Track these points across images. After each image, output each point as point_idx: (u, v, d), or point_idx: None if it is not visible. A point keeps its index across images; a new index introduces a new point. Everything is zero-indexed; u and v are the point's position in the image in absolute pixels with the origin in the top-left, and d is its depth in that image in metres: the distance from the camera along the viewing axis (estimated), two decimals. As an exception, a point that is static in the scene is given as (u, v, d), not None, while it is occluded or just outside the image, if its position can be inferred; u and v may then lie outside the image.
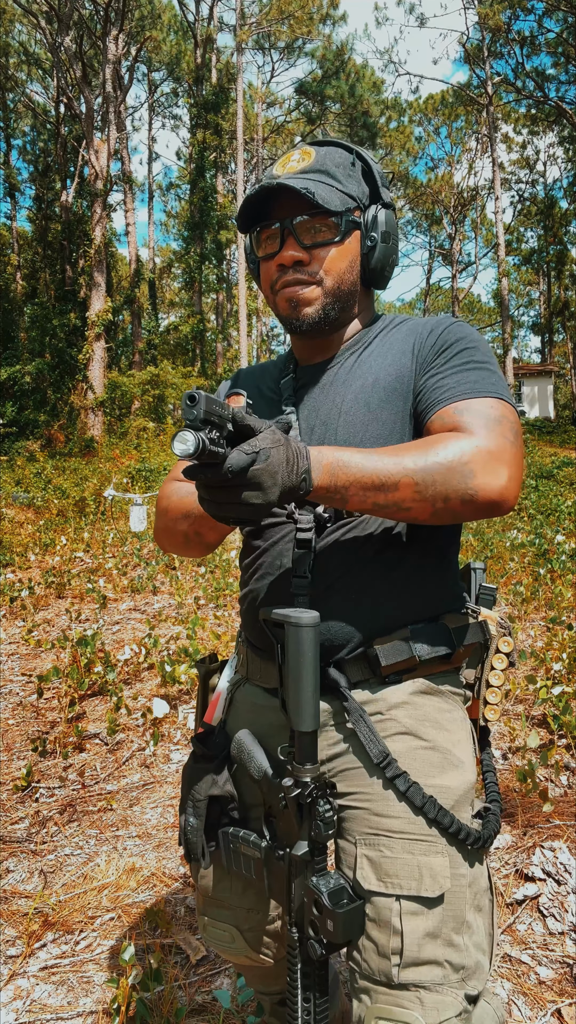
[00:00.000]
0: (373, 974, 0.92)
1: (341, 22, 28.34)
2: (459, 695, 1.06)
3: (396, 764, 0.95)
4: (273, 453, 0.79)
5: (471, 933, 0.93)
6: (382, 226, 1.06)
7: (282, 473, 0.80)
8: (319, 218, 1.01)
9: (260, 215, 1.05)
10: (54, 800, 2.64)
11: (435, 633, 1.00)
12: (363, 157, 1.08)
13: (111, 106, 19.78)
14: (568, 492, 9.62)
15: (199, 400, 0.74)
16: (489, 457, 0.87)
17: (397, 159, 34.55)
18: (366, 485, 0.87)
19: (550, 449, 16.60)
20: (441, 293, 48.74)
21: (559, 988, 1.61)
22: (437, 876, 0.92)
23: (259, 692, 1.10)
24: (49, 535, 8.15)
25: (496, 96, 27.33)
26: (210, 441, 0.75)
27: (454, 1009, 0.89)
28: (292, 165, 1.05)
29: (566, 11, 23.81)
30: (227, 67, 28.17)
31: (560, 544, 6.27)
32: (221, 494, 0.80)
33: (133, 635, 4.51)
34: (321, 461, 0.87)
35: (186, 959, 1.78)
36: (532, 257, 36.35)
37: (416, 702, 1.00)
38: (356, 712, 0.98)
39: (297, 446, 0.84)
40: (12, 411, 20.15)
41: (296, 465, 0.83)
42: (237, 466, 0.76)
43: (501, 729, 2.94)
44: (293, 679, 0.89)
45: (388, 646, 0.98)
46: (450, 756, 0.99)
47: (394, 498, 0.87)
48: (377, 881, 0.93)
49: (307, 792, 0.89)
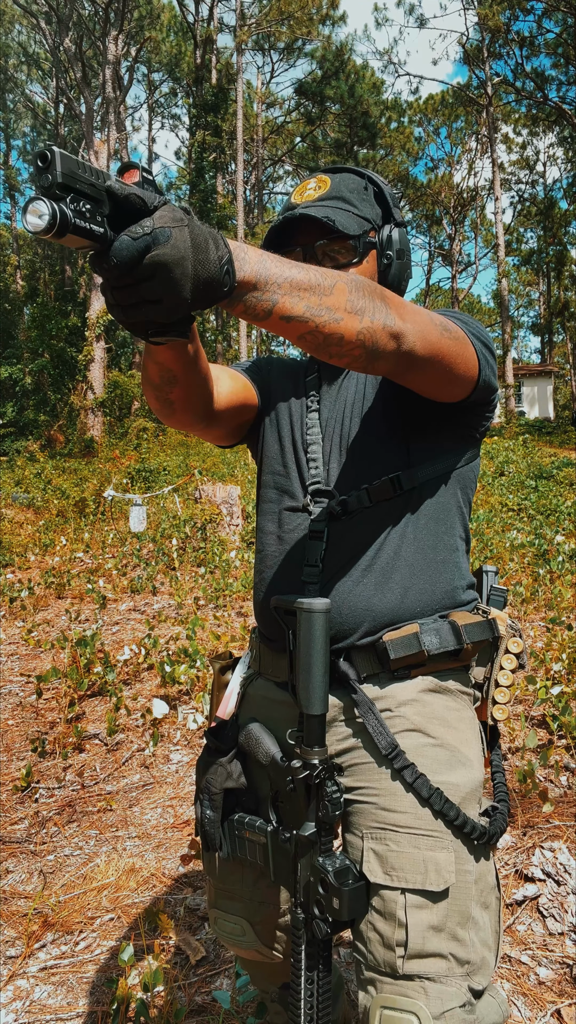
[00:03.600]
0: (379, 965, 0.93)
1: (341, 23, 28.36)
2: (468, 694, 1.08)
3: (404, 756, 0.97)
4: (175, 234, 0.63)
5: (477, 929, 0.95)
6: (397, 244, 1.12)
7: (191, 260, 0.64)
8: (338, 241, 1.08)
9: (281, 242, 1.11)
10: (54, 800, 2.64)
11: (444, 628, 1.01)
12: (374, 181, 1.15)
13: (111, 107, 19.79)
14: (568, 492, 9.62)
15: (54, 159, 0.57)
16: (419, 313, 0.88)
17: (397, 159, 34.56)
18: (299, 283, 0.75)
19: (550, 449, 16.60)
20: (441, 293, 48.76)
21: (559, 988, 1.61)
22: (442, 871, 0.93)
23: (271, 686, 1.12)
24: (49, 535, 8.15)
25: (496, 97, 27.34)
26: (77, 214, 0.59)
27: (458, 1000, 0.90)
28: (310, 193, 1.11)
29: (566, 12, 23.81)
30: (227, 67, 28.17)
31: (560, 544, 6.27)
32: (124, 294, 0.65)
33: (133, 635, 4.51)
34: (245, 249, 0.72)
35: (186, 959, 1.78)
36: (532, 257, 36.38)
37: (424, 700, 1.02)
38: (365, 705, 1.00)
39: (210, 229, 0.69)
40: (12, 411, 20.15)
41: (210, 251, 0.66)
42: (126, 252, 0.62)
43: (501, 729, 2.94)
44: (304, 663, 0.91)
45: (398, 639, 0.99)
46: (458, 754, 1.00)
47: (328, 303, 0.77)
48: (383, 874, 0.94)
49: (316, 773, 0.90)
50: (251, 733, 1.08)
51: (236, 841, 1.06)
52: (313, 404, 1.14)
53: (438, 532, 1.07)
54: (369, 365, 0.84)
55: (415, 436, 1.06)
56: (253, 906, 1.12)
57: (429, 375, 0.92)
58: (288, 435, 1.15)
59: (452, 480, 1.09)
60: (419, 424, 1.06)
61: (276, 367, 1.24)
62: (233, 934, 1.14)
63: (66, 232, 0.58)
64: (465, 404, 1.02)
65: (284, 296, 0.74)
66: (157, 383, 0.96)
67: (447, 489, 1.08)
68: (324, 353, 0.81)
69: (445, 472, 1.08)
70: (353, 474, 1.06)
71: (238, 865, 1.10)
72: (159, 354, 0.89)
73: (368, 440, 1.07)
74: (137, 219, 0.64)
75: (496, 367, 1.05)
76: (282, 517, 1.11)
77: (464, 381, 0.97)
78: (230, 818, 1.07)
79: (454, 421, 1.06)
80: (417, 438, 1.06)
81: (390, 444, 1.06)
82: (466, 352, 0.95)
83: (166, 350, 0.88)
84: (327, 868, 0.90)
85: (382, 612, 1.02)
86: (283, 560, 1.09)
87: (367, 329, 0.80)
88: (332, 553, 1.04)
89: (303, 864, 0.93)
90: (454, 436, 1.08)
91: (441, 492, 1.08)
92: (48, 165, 0.57)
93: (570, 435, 20.36)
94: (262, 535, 1.15)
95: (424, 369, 0.90)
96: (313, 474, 1.08)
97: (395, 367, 0.87)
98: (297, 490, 1.11)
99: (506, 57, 27.08)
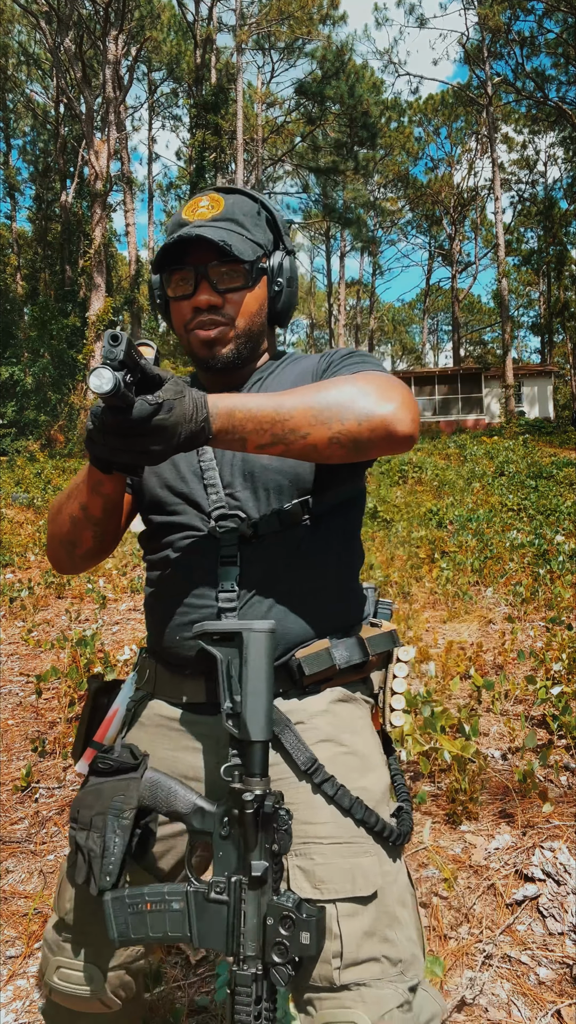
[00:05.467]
0: (316, 981, 0.91)
1: (341, 22, 28.34)
2: (369, 702, 1.14)
3: (323, 769, 0.99)
4: (176, 405, 0.83)
5: (402, 927, 0.96)
6: (287, 272, 1.15)
7: (183, 425, 0.85)
8: (232, 265, 1.08)
9: (173, 258, 1.10)
10: (54, 800, 2.64)
11: (351, 643, 1.06)
12: (267, 206, 1.17)
13: (111, 106, 19.79)
14: (568, 492, 9.62)
15: (122, 340, 0.76)
16: (383, 384, 0.95)
17: (397, 159, 34.56)
18: (263, 419, 0.91)
19: (550, 449, 16.59)
20: (441, 293, 48.75)
21: (559, 989, 1.61)
22: (369, 875, 0.95)
23: (166, 707, 1.10)
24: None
25: (496, 96, 27.33)
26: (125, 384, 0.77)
27: (396, 1000, 0.91)
28: (203, 211, 1.11)
29: (566, 12, 23.82)
30: (227, 67, 28.17)
31: (560, 544, 6.27)
32: (117, 441, 0.83)
33: (133, 635, 4.51)
34: (218, 405, 0.91)
35: (186, 959, 1.78)
36: (532, 257, 36.36)
37: (335, 710, 1.06)
38: (282, 722, 1.01)
39: (195, 396, 0.88)
40: (12, 411, 20.14)
41: (195, 415, 0.87)
42: (142, 414, 0.80)
43: (501, 729, 2.95)
44: (252, 688, 0.89)
45: (311, 655, 1.03)
46: (367, 760, 1.05)
47: (291, 425, 0.91)
48: (312, 889, 0.93)
49: (273, 802, 0.87)
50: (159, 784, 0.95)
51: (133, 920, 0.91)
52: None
53: (342, 553, 1.11)
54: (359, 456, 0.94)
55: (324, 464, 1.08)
56: (108, 955, 1.03)
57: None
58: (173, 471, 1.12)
59: (352, 503, 1.15)
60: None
61: None
62: (78, 984, 1.03)
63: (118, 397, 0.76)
64: None
65: (251, 434, 0.91)
66: (99, 517, 1.06)
67: (348, 512, 1.14)
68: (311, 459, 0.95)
69: (349, 496, 1.13)
70: (260, 498, 1.06)
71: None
72: (106, 487, 1.02)
73: (274, 465, 1.06)
74: (149, 387, 0.83)
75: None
76: (181, 544, 1.09)
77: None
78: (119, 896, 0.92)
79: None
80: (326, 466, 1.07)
81: (298, 469, 1.06)
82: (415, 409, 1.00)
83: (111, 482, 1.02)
84: (287, 904, 0.85)
85: (296, 633, 1.04)
86: (191, 585, 1.06)
87: (339, 434, 0.91)
88: (246, 577, 1.04)
89: (250, 911, 0.86)
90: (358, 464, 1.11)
91: (344, 515, 1.13)
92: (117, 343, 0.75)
93: (570, 435, 20.36)
94: (161, 563, 1.12)
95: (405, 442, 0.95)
96: (214, 500, 1.07)
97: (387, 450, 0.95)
98: (194, 519, 1.08)
99: (506, 57, 27.10)
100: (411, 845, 2.16)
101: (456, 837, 2.21)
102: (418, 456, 13.20)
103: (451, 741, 2.37)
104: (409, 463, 12.34)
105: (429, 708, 2.60)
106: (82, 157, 25.63)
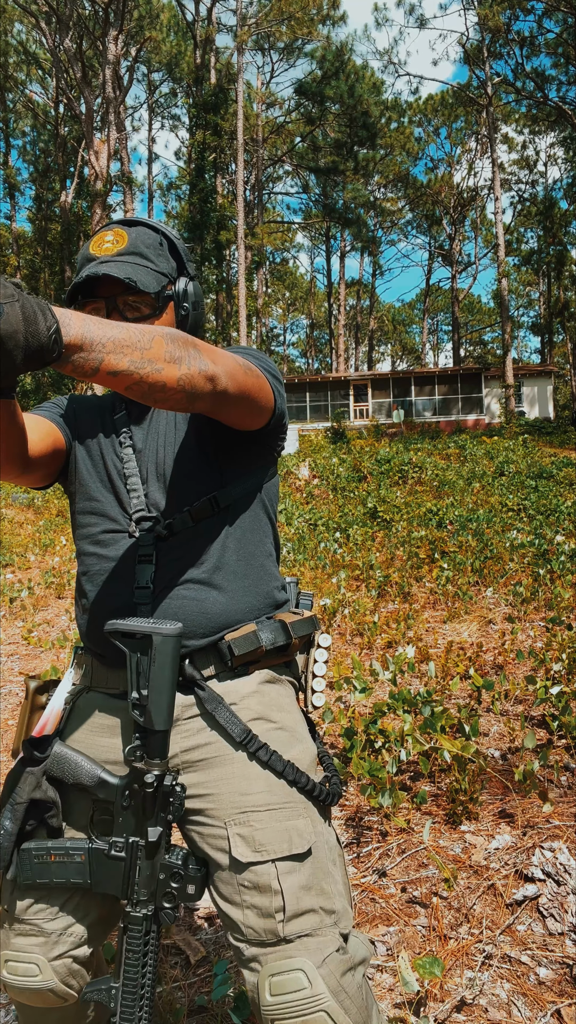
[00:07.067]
0: (260, 936, 1.01)
1: (341, 23, 28.38)
2: (294, 684, 1.24)
3: (257, 739, 1.09)
4: (7, 309, 0.70)
5: (333, 882, 1.07)
6: (192, 297, 1.23)
7: (22, 332, 0.72)
8: (139, 296, 1.17)
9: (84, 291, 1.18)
10: (54, 800, 2.64)
11: (275, 626, 1.16)
12: (167, 235, 1.24)
13: (111, 106, 19.80)
14: (568, 492, 9.62)
15: None
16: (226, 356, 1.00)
17: (397, 159, 34.59)
18: (121, 342, 0.84)
19: (550, 449, 16.60)
20: (441, 294, 48.80)
21: (559, 989, 1.61)
22: (303, 834, 1.05)
23: (104, 697, 1.17)
24: (49, 535, 8.15)
25: (496, 96, 27.36)
26: None
27: (333, 945, 1.01)
28: (108, 247, 1.17)
29: (566, 12, 23.83)
30: (227, 67, 28.19)
31: (560, 544, 6.27)
32: None
33: (133, 635, 4.51)
34: (71, 316, 0.80)
35: (186, 960, 1.78)
36: (532, 258, 36.39)
37: (263, 690, 1.16)
38: (215, 700, 1.10)
39: (38, 301, 0.76)
40: (12, 411, 20.14)
41: (39, 322, 0.74)
42: None
43: (501, 729, 2.95)
44: (156, 684, 0.98)
45: (239, 637, 1.12)
46: (295, 733, 1.16)
47: (149, 355, 0.87)
48: (253, 852, 1.03)
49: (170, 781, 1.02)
50: (66, 758, 1.08)
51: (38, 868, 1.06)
52: (126, 440, 1.22)
53: (253, 541, 1.21)
54: (189, 406, 0.95)
55: (225, 460, 1.19)
56: (53, 938, 1.09)
57: (238, 409, 1.05)
58: (102, 468, 1.22)
59: (260, 495, 1.24)
60: (228, 449, 1.19)
61: (80, 406, 1.31)
62: (26, 975, 1.08)
63: None
64: (265, 430, 1.17)
65: (108, 355, 0.82)
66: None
67: (257, 503, 1.23)
68: (150, 400, 0.90)
69: (254, 488, 1.22)
70: (173, 498, 1.16)
71: (45, 894, 1.09)
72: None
73: (184, 467, 1.17)
74: None
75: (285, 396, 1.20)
76: (103, 539, 1.18)
77: (265, 412, 1.12)
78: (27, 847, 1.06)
79: (257, 444, 1.21)
80: (227, 461, 1.19)
81: (204, 468, 1.17)
82: (264, 387, 1.10)
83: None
84: (176, 862, 1.03)
85: (215, 613, 1.13)
86: (111, 582, 1.16)
87: (185, 376, 0.90)
88: (161, 573, 1.13)
89: (144, 867, 1.02)
90: (257, 457, 1.22)
91: (252, 506, 1.22)
92: None
93: (570, 435, 20.38)
94: (85, 558, 1.21)
95: (234, 405, 1.03)
96: (135, 503, 1.17)
97: (211, 406, 0.98)
98: (118, 516, 1.18)
99: (506, 57, 27.12)
100: (411, 845, 2.16)
101: (456, 837, 2.21)
102: (418, 456, 13.19)
103: (451, 741, 2.37)
104: (409, 463, 12.33)
105: (429, 708, 2.60)
106: (82, 157, 25.64)
